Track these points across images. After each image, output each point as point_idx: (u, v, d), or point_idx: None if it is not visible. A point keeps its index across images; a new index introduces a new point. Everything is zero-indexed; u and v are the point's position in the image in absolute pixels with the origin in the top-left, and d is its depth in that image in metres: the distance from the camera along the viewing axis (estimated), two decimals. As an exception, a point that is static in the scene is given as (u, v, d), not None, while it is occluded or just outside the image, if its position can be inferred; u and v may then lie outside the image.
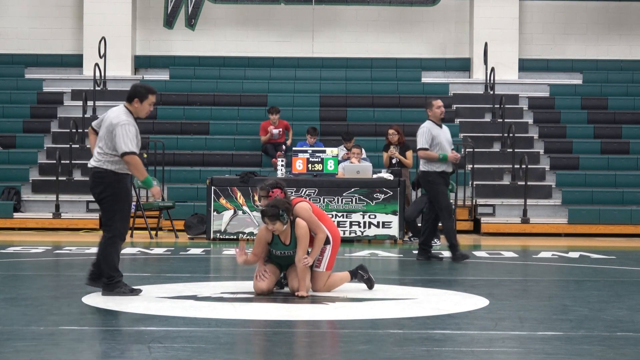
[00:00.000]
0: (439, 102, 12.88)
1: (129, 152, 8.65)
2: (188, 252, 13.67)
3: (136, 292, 8.82)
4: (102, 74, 21.72)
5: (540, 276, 11.48)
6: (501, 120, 20.59)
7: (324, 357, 6.40)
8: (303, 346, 6.82)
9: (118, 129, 8.67)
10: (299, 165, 15.95)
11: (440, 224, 13.02)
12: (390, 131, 16.82)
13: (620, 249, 15.77)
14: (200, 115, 21.13)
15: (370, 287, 9.44)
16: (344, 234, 15.52)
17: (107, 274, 8.77)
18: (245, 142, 20.17)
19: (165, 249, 14.31)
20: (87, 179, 9.03)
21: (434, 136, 12.62)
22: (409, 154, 16.69)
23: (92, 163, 8.83)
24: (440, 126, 12.80)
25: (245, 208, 15.66)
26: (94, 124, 8.98)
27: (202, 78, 22.50)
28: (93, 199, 19.15)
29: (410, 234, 15.84)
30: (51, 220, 18.01)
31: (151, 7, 23.25)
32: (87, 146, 20.04)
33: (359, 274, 9.45)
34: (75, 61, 22.83)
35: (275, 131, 19.42)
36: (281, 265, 9.13)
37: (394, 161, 16.71)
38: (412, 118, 20.84)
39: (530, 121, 21.30)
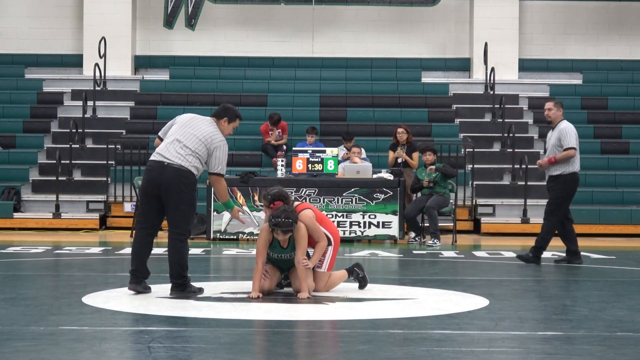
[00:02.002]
0: (545, 105, 12.64)
1: (222, 175, 8.86)
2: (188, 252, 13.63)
3: (202, 291, 8.97)
4: (102, 74, 21.73)
5: (540, 276, 11.47)
6: (501, 120, 20.59)
7: (324, 357, 6.40)
8: (303, 346, 6.82)
9: (220, 149, 8.86)
10: (299, 165, 15.95)
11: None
12: (400, 130, 16.81)
13: (620, 249, 15.77)
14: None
15: (362, 286, 9.47)
16: (344, 234, 15.52)
17: (179, 275, 8.86)
18: (245, 142, 20.16)
19: (165, 249, 14.27)
20: (146, 172, 8.92)
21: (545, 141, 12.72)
22: (415, 155, 16.69)
23: (172, 159, 8.77)
24: (552, 129, 12.57)
25: (245, 208, 15.66)
26: (160, 133, 9.11)
27: (202, 78, 22.50)
28: (93, 199, 19.18)
29: (414, 234, 15.84)
30: (51, 220, 18.01)
31: (151, 7, 23.25)
32: (87, 146, 20.08)
33: (355, 271, 9.53)
34: (75, 61, 22.83)
35: (277, 131, 19.44)
36: (282, 268, 9.15)
37: (399, 161, 16.73)
38: (412, 118, 20.86)
39: (530, 121, 21.30)
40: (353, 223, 15.70)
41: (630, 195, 18.89)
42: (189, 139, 8.88)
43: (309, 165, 15.95)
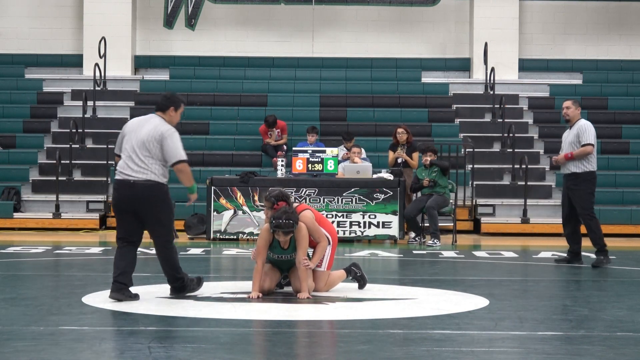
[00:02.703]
0: (564, 104, 12.73)
1: (184, 161, 8.69)
2: (188, 252, 13.66)
3: (201, 282, 9.08)
4: (102, 74, 21.72)
5: (540, 276, 11.48)
6: (501, 120, 20.59)
7: (324, 357, 6.40)
8: (303, 346, 6.82)
9: (169, 138, 8.59)
10: (299, 165, 15.95)
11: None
12: (399, 130, 16.81)
13: (620, 249, 15.76)
14: (200, 115, 21.12)
15: (361, 286, 9.49)
16: (344, 234, 15.52)
17: (175, 279, 8.88)
18: (245, 142, 20.16)
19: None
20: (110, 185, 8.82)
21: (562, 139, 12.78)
22: (415, 155, 16.68)
23: (136, 175, 8.59)
24: (570, 127, 12.67)
25: (245, 208, 15.66)
26: (116, 150, 8.81)
27: (202, 78, 22.49)
28: (93, 199, 19.16)
29: (414, 234, 15.84)
30: (51, 220, 18.00)
31: (151, 7, 23.25)
32: (87, 146, 20.08)
33: (353, 270, 9.59)
34: (75, 61, 22.82)
35: (276, 132, 19.45)
36: (281, 269, 9.16)
37: (399, 161, 16.73)
38: (412, 118, 20.85)
39: (530, 121, 21.29)
40: (353, 223, 15.70)
41: (630, 195, 18.89)
42: (140, 147, 8.60)
43: (309, 165, 15.94)
